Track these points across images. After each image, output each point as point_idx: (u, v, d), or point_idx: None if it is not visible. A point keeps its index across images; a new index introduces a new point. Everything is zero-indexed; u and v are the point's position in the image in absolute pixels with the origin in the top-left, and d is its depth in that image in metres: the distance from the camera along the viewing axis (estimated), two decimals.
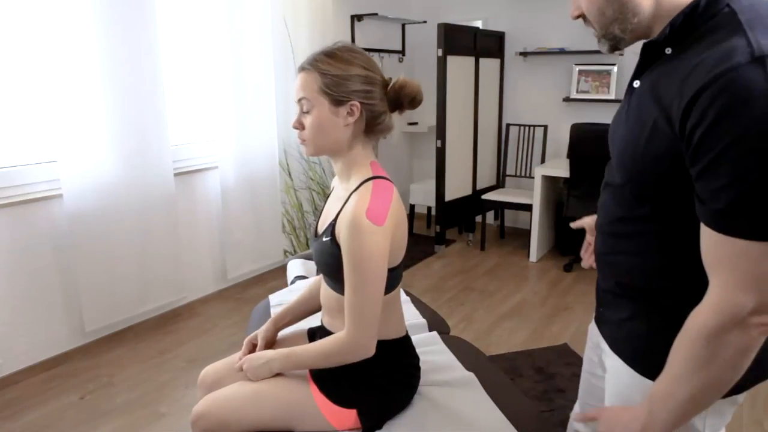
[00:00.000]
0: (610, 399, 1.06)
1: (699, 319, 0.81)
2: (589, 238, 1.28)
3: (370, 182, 1.21)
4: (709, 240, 0.79)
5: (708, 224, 0.78)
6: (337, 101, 1.20)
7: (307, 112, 1.22)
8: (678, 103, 0.78)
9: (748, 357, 0.79)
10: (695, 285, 0.84)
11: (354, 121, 1.22)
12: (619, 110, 1.00)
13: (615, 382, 1.04)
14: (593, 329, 1.17)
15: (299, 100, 1.23)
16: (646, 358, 0.95)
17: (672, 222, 0.87)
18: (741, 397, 0.95)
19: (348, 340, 1.20)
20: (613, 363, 1.04)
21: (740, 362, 0.79)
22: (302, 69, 1.23)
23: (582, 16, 0.93)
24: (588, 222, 1.28)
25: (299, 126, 1.25)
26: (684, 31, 0.83)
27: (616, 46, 0.93)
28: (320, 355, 1.24)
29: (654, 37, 0.88)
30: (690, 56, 0.80)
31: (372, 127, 1.25)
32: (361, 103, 1.20)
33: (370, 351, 1.21)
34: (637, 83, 0.92)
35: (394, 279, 1.29)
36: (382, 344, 1.30)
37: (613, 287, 1.02)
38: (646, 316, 0.92)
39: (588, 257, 1.29)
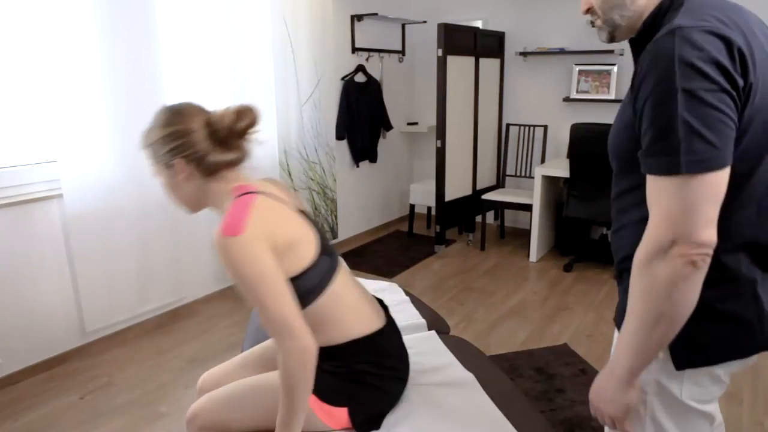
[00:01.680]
0: None
1: (636, 253, 0.91)
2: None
3: (229, 206, 1.22)
4: (646, 182, 0.90)
5: (642, 167, 0.90)
6: (166, 165, 1.25)
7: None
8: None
9: (681, 289, 0.86)
10: None
11: (186, 175, 1.24)
12: None
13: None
14: None
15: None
16: None
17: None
18: (719, 371, 0.98)
19: (282, 356, 1.15)
20: (616, 336, 1.08)
21: (674, 294, 0.86)
22: None
23: (590, 9, 1.03)
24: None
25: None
26: (655, 28, 0.95)
27: (613, 34, 1.03)
28: (282, 393, 1.18)
29: (633, 35, 1.01)
30: None
31: (207, 170, 1.24)
32: (181, 158, 1.22)
33: (309, 348, 1.15)
34: None
35: (310, 286, 1.24)
36: (332, 349, 1.30)
37: (620, 263, 1.07)
38: None
39: None
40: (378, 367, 1.33)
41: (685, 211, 0.84)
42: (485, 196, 4.30)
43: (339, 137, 4.19)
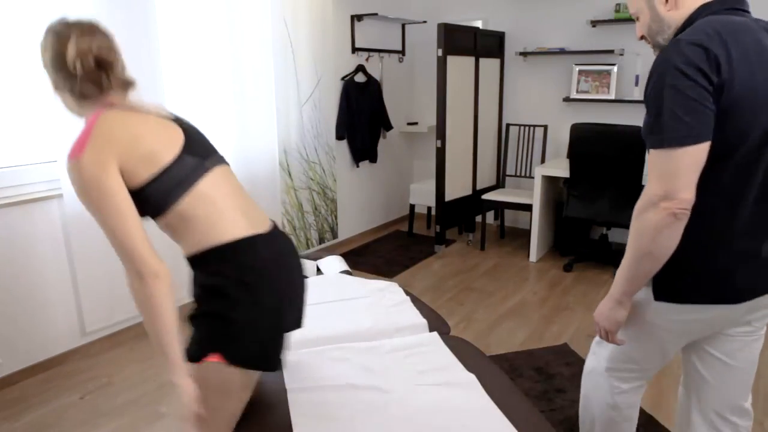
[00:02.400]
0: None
1: (635, 206, 1.17)
2: None
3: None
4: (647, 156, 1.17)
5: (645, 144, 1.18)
6: (47, 73, 1.30)
7: None
8: None
9: (664, 234, 1.13)
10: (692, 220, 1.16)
11: (60, 90, 1.28)
12: None
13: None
14: None
15: None
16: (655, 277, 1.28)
17: None
18: (685, 314, 1.25)
19: (129, 279, 1.19)
20: None
21: (657, 238, 1.14)
22: None
23: (643, 36, 1.32)
24: None
25: None
26: None
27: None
28: (143, 314, 1.20)
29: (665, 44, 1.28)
30: None
31: (76, 94, 1.26)
32: (54, 76, 1.26)
33: (154, 274, 1.18)
34: None
35: (172, 184, 1.22)
36: (196, 258, 1.29)
37: None
38: None
39: None
40: (224, 278, 1.25)
41: (671, 175, 1.10)
42: (485, 196, 4.30)
43: (339, 137, 4.19)
